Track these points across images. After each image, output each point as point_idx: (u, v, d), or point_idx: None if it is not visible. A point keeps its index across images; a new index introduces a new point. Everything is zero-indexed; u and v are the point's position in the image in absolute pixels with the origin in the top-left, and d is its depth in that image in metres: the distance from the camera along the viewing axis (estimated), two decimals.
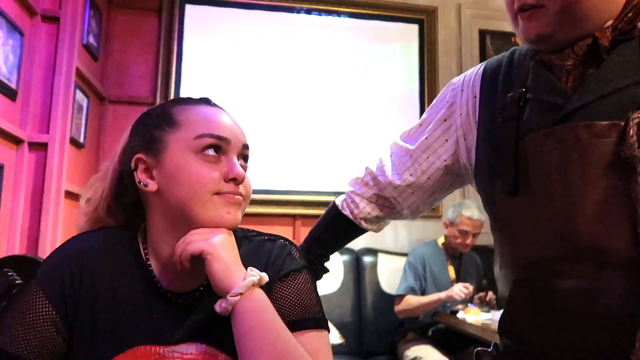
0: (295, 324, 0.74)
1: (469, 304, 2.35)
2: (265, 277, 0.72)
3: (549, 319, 0.73)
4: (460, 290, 2.30)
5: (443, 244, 2.65)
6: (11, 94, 1.99)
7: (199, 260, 0.71)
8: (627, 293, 0.67)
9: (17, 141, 2.04)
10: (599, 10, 0.74)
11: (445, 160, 0.97)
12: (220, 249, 0.71)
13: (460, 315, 2.25)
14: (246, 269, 0.72)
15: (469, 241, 2.53)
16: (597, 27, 0.74)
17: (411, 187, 1.02)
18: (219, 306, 0.70)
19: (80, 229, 0.82)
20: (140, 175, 0.76)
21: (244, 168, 0.79)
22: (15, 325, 0.70)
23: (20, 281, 0.91)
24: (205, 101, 0.82)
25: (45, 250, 2.01)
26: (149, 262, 0.77)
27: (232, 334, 0.70)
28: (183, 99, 0.83)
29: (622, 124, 0.68)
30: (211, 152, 0.74)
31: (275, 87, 2.99)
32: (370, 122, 3.03)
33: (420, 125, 1.02)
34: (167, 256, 0.75)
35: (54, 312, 0.72)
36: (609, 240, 0.68)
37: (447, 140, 0.96)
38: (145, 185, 0.75)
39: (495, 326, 1.96)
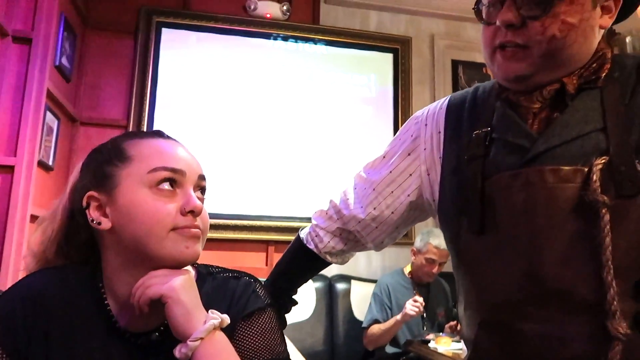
0: None
1: (440, 333, 2.35)
2: (226, 319, 0.71)
3: None
4: (411, 305, 2.31)
5: (410, 272, 2.65)
6: None
7: (158, 303, 0.69)
8: (592, 339, 0.68)
9: None
10: (576, 58, 0.76)
11: (409, 195, 0.97)
12: (180, 292, 0.69)
13: (431, 344, 2.24)
14: (208, 310, 0.71)
15: (435, 270, 2.54)
16: (567, 74, 0.76)
17: (375, 221, 1.01)
18: (179, 351, 0.68)
19: (29, 271, 0.79)
20: (92, 214, 0.73)
21: (201, 200, 0.77)
22: None
23: None
24: (158, 134, 0.80)
25: (7, 276, 1.94)
26: (106, 302, 0.75)
27: None
28: (135, 132, 0.82)
29: (586, 169, 0.70)
30: (166, 185, 0.73)
31: (250, 112, 2.99)
32: (344, 149, 3.05)
33: (384, 157, 1.02)
34: (124, 295, 0.73)
35: (4, 356, 0.69)
36: (574, 285, 0.69)
37: (411, 175, 0.96)
38: (99, 224, 0.72)
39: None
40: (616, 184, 0.68)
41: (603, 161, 0.69)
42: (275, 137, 3.00)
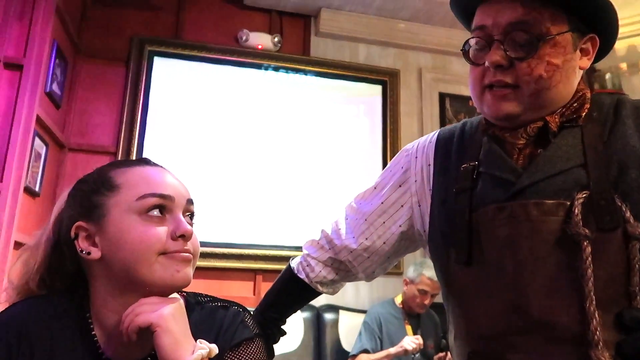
0: None
1: None
2: (215, 349, 0.70)
3: None
4: (411, 341, 2.31)
5: (401, 302, 2.63)
6: None
7: (147, 332, 0.68)
8: None
9: None
10: (559, 97, 0.79)
11: (400, 226, 0.98)
12: (169, 320, 0.69)
13: None
14: (196, 340, 0.70)
15: (427, 301, 2.53)
16: (550, 113, 0.80)
17: (367, 252, 1.02)
18: None
19: (11, 303, 0.78)
20: (81, 244, 0.73)
21: (190, 225, 0.77)
22: None
23: None
24: (144, 161, 0.81)
25: None
26: (93, 332, 0.74)
27: None
28: (120, 161, 0.83)
29: (568, 203, 0.72)
30: (155, 212, 0.73)
31: (240, 141, 3.01)
32: (333, 178, 3.07)
33: (375, 188, 1.03)
34: (112, 324, 0.72)
35: None
36: (558, 315, 0.70)
37: (402, 206, 0.98)
38: (88, 254, 0.72)
39: None
40: (596, 217, 0.71)
41: (584, 195, 0.72)
42: (264, 165, 3.01)
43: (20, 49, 2.22)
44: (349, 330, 2.76)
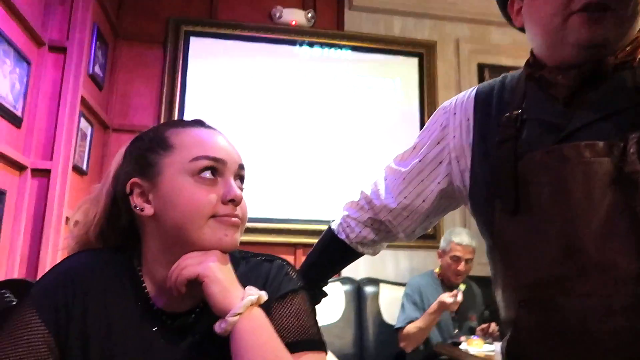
0: (293, 346, 0.72)
1: (472, 336, 2.31)
2: (264, 295, 0.72)
3: (557, 339, 0.73)
4: (448, 295, 2.32)
5: (439, 274, 2.63)
6: (16, 122, 2.02)
7: (194, 284, 0.70)
8: (635, 310, 0.67)
9: (20, 167, 2.05)
10: (632, 34, 0.77)
11: (439, 183, 0.98)
12: (216, 271, 0.70)
13: (462, 346, 2.21)
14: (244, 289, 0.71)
15: (461, 267, 2.51)
16: (610, 53, 0.77)
17: (406, 211, 1.02)
18: (219, 327, 0.69)
19: (70, 252, 0.82)
20: (135, 200, 0.75)
21: (241, 189, 0.79)
22: (8, 345, 0.69)
23: (16, 302, 0.90)
24: (199, 123, 0.82)
25: None
26: (144, 285, 0.77)
27: (228, 356, 0.68)
28: (176, 121, 0.84)
29: (622, 144, 0.70)
30: (207, 174, 0.74)
31: (277, 117, 3.03)
32: (370, 152, 3.05)
33: (414, 148, 1.03)
34: (162, 278, 0.75)
35: (47, 332, 0.70)
36: (615, 257, 0.69)
37: (440, 163, 0.97)
38: (142, 210, 0.74)
39: (499, 358, 1.92)
40: None
41: (639, 135, 0.69)
42: (302, 141, 3.03)
43: (63, 33, 2.29)
44: (389, 302, 2.76)
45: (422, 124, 3.14)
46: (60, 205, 2.14)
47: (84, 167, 2.48)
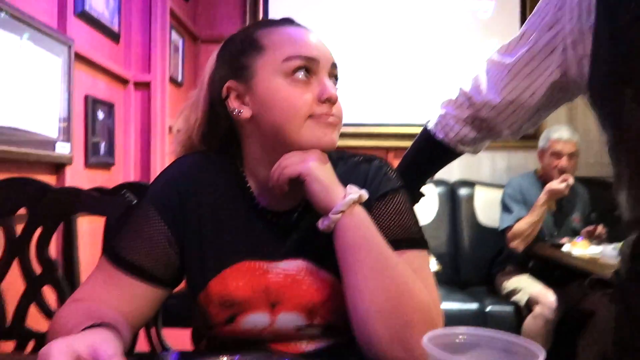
0: (396, 243, 0.73)
1: (576, 238, 2.22)
2: (365, 194, 0.71)
3: None
4: (557, 182, 2.23)
5: (540, 175, 2.49)
6: (114, 37, 2.10)
7: (295, 183, 0.71)
8: None
9: (123, 81, 2.17)
10: None
11: (550, 74, 0.87)
12: (317, 170, 0.70)
13: (565, 248, 2.13)
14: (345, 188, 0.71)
15: (563, 163, 2.35)
16: None
17: (512, 106, 0.93)
18: (322, 224, 0.70)
19: (177, 155, 0.85)
20: (233, 103, 0.75)
21: (335, 89, 0.76)
22: (133, 238, 0.75)
23: (136, 201, 0.98)
24: (289, 21, 0.79)
25: None
26: (248, 185, 0.79)
27: (331, 251, 0.70)
28: (265, 21, 0.81)
29: None
30: (301, 75, 0.72)
31: (366, 18, 2.89)
32: (465, 47, 2.85)
33: (522, 36, 0.91)
34: (264, 178, 0.76)
35: (165, 227, 0.76)
36: None
37: (553, 51, 0.86)
38: (239, 113, 0.75)
39: (605, 260, 1.84)
40: None
41: None
42: (392, 40, 2.88)
43: None
44: (485, 204, 2.71)
45: (522, 15, 2.84)
46: (162, 114, 2.26)
47: (179, 79, 2.57)
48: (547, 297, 2.16)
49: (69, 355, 0.46)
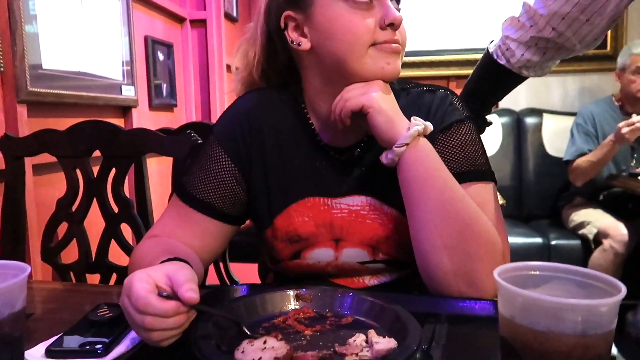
0: (461, 176, 0.71)
1: None
2: (429, 126, 0.69)
3: None
4: (626, 126, 1.98)
5: (619, 99, 2.30)
6: None
7: (358, 116, 0.70)
8: None
9: (180, 20, 2.18)
10: None
11: None
12: (380, 101, 0.68)
13: None
14: (409, 120, 0.69)
15: None
16: None
17: (584, 14, 0.85)
18: (385, 157, 0.69)
19: (238, 94, 0.85)
20: (291, 34, 0.73)
21: (399, 10, 0.72)
22: (202, 176, 0.78)
23: (201, 141, 1.01)
24: None
25: (216, 118, 2.22)
26: (310, 121, 0.78)
27: (395, 187, 0.70)
28: None
29: None
30: None
31: None
32: None
33: None
34: (326, 113, 0.75)
35: (232, 165, 0.78)
36: None
37: None
38: (299, 44, 0.72)
39: None
40: None
41: None
42: None
43: None
44: (554, 133, 2.57)
45: None
46: (220, 51, 2.27)
47: (234, 14, 2.54)
48: (618, 229, 2.07)
49: (149, 284, 0.50)
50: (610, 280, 0.42)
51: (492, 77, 1.02)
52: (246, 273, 1.15)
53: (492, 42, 1.02)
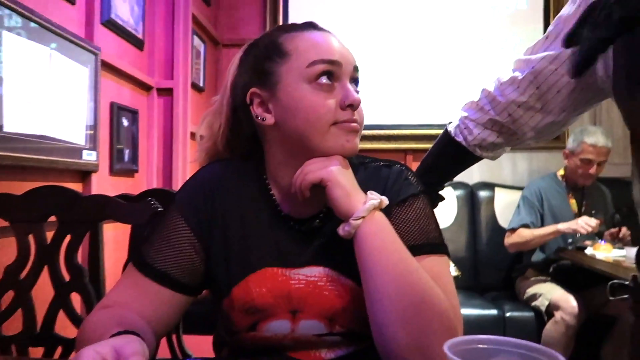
0: (415, 249, 0.73)
1: (599, 240, 2.18)
2: (385, 200, 0.72)
3: None
4: (585, 223, 2.14)
5: (563, 176, 2.45)
6: (139, 44, 2.14)
7: (317, 189, 0.73)
8: None
9: (147, 88, 2.21)
10: None
11: None
12: (338, 175, 0.72)
13: (588, 251, 2.11)
14: (365, 194, 0.72)
15: (592, 171, 2.31)
16: None
17: (539, 102, 0.92)
18: (342, 230, 0.71)
19: (201, 164, 0.87)
20: (256, 110, 0.77)
21: (357, 92, 0.77)
22: (160, 246, 0.77)
23: (162, 209, 1.01)
24: (312, 25, 0.80)
25: (178, 185, 2.21)
26: (271, 192, 0.80)
27: (352, 258, 0.71)
28: (288, 25, 0.81)
29: None
30: (324, 79, 0.73)
31: (384, 21, 2.89)
32: (486, 49, 2.82)
33: (547, 37, 0.91)
34: (286, 184, 0.77)
35: (192, 235, 0.78)
36: None
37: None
38: (263, 119, 0.76)
39: (630, 263, 1.80)
40: None
41: None
42: (410, 43, 2.88)
43: None
44: (505, 206, 2.69)
45: (546, 12, 2.80)
46: (185, 120, 2.30)
47: (201, 84, 2.61)
48: (568, 302, 2.13)
49: None
50: (553, 354, 0.44)
51: (449, 155, 1.08)
52: (200, 345, 1.12)
53: (450, 122, 1.08)
